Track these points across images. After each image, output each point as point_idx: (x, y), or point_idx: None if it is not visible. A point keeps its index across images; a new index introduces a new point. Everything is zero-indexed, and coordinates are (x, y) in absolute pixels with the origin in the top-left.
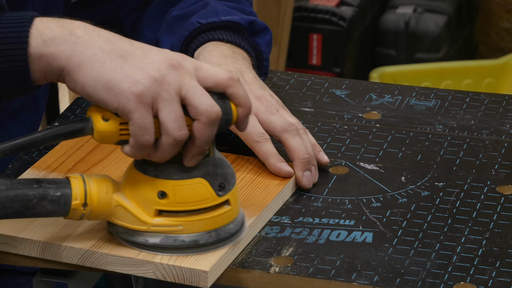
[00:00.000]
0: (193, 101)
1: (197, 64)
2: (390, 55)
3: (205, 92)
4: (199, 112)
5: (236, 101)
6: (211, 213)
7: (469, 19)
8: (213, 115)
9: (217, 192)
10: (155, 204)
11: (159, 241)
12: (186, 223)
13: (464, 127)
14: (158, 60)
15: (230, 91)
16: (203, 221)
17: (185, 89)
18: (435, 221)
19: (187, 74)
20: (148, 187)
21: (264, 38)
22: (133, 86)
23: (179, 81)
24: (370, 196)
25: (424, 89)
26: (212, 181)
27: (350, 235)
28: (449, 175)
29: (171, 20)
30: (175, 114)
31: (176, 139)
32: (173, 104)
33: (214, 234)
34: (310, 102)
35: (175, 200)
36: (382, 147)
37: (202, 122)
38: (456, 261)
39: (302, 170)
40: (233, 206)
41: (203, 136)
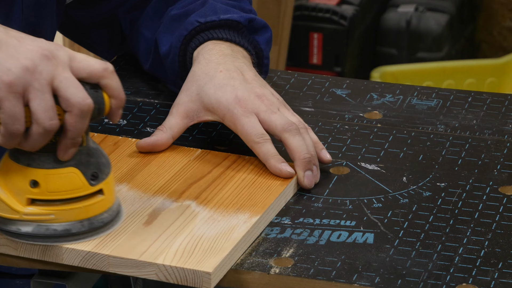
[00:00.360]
0: (65, 93)
1: (72, 54)
2: (392, 54)
3: (78, 83)
4: (71, 104)
5: (109, 92)
6: (83, 202)
7: (471, 17)
8: (85, 108)
9: (89, 181)
10: (27, 193)
11: (31, 229)
12: (58, 212)
13: (466, 127)
14: (31, 49)
15: (104, 82)
16: (75, 210)
17: (57, 80)
18: (436, 222)
19: (60, 65)
20: (21, 176)
21: (264, 36)
22: (4, 74)
23: (52, 71)
24: (371, 197)
25: (426, 88)
26: (84, 170)
27: (351, 236)
28: (451, 176)
29: (169, 19)
30: (46, 104)
31: (46, 129)
32: (44, 94)
33: (86, 223)
34: (310, 102)
35: (47, 189)
36: (383, 147)
37: (74, 114)
38: (458, 263)
39: (303, 170)
40: (107, 196)
41: (75, 128)
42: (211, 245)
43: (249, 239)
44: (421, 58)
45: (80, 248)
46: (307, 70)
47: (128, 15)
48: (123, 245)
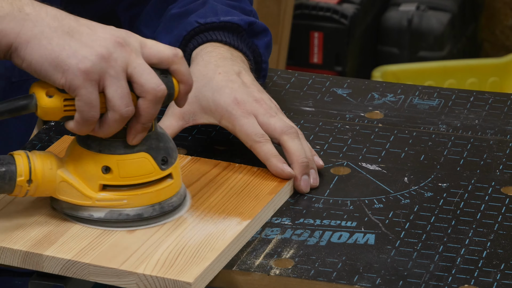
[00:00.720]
0: (140, 79)
1: (142, 40)
2: (393, 53)
3: (151, 70)
4: (145, 90)
5: (178, 78)
6: (154, 186)
7: (473, 16)
8: (159, 94)
9: (160, 166)
10: (99, 179)
11: (103, 215)
12: (130, 197)
13: (468, 127)
14: (104, 37)
15: (174, 67)
16: (147, 195)
17: (131, 66)
18: (438, 223)
19: (133, 52)
20: (92, 162)
21: (263, 40)
22: (80, 62)
23: (126, 58)
24: (372, 197)
25: (428, 88)
26: (155, 155)
27: (352, 237)
28: (453, 176)
29: (169, 18)
30: (122, 91)
31: (122, 115)
32: (120, 81)
33: (158, 207)
34: (311, 102)
35: (119, 175)
36: (385, 147)
37: (148, 100)
38: (460, 264)
39: (301, 174)
40: (175, 180)
41: (148, 113)
42: (194, 254)
43: (234, 248)
44: (422, 57)
45: (61, 256)
46: (307, 69)
47: (127, 12)
48: (104, 253)
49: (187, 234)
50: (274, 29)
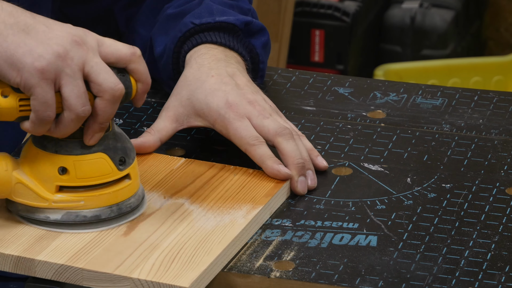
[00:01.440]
0: (97, 78)
1: (100, 39)
2: (396, 51)
3: (109, 69)
4: (102, 89)
5: (136, 76)
6: (112, 187)
7: (477, 14)
8: (117, 93)
9: (117, 166)
10: (56, 180)
11: (60, 217)
12: (87, 198)
13: (472, 127)
14: (61, 35)
15: (132, 66)
16: (104, 196)
17: (89, 65)
18: (442, 224)
19: (90, 50)
20: (48, 163)
21: (260, 40)
22: (36, 60)
23: (83, 57)
24: (374, 198)
25: (431, 87)
26: (112, 155)
27: (353, 238)
28: (456, 176)
29: (165, 18)
30: (78, 90)
31: (79, 115)
32: (76, 80)
33: (115, 208)
34: (312, 101)
35: (76, 176)
36: (387, 147)
37: (105, 99)
38: (464, 266)
39: (297, 175)
40: (133, 180)
41: (105, 113)
42: (190, 258)
43: (230, 251)
44: (425, 56)
45: (53, 261)
46: (308, 68)
47: (124, 12)
48: (98, 258)
49: (182, 237)
50: (274, 27)
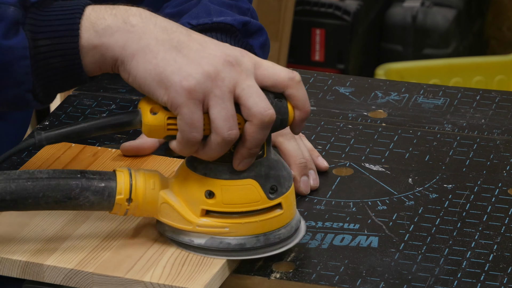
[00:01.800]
0: (247, 101)
1: (258, 61)
2: (397, 51)
3: (261, 92)
4: (252, 114)
5: (293, 103)
6: (260, 216)
7: (479, 13)
8: (266, 118)
9: (268, 195)
10: (202, 204)
11: (204, 242)
12: (233, 225)
13: (474, 127)
14: (214, 55)
15: (289, 92)
16: (251, 224)
17: (240, 87)
18: (443, 225)
19: (244, 72)
20: (196, 186)
21: (259, 40)
22: (184, 80)
23: (235, 78)
24: (375, 199)
25: (432, 86)
26: (263, 183)
27: (354, 239)
28: (458, 177)
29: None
30: (226, 113)
31: (225, 139)
32: (225, 102)
33: (262, 238)
34: (312, 100)
35: (222, 201)
36: (388, 148)
37: (254, 124)
38: (466, 267)
39: (299, 175)
40: (285, 211)
41: (254, 138)
42: (201, 260)
43: None
44: (427, 55)
45: (63, 265)
46: (309, 67)
47: None
48: (108, 261)
49: None
50: (274, 26)
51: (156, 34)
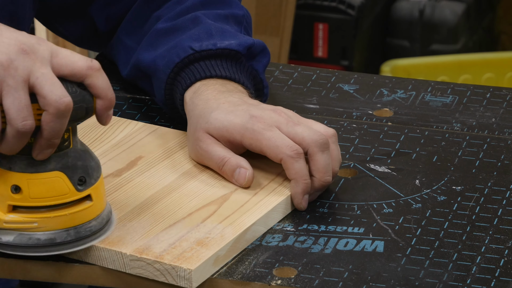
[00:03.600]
0: (42, 90)
1: (54, 49)
2: (403, 46)
3: (56, 80)
4: (47, 102)
5: (94, 92)
6: (69, 209)
7: (489, 7)
8: (61, 106)
9: (76, 186)
10: (8, 199)
11: (12, 239)
12: (41, 219)
13: (484, 126)
14: (8, 43)
15: (89, 81)
16: (60, 218)
17: (34, 76)
18: (452, 229)
19: (39, 60)
20: (1, 181)
21: (262, 62)
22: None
23: (29, 67)
24: (381, 201)
25: (441, 83)
26: (71, 174)
27: (359, 244)
28: (467, 178)
29: (155, 34)
30: (20, 103)
31: (19, 130)
32: (18, 91)
33: (73, 232)
34: (315, 98)
35: (29, 195)
36: (394, 148)
37: (50, 113)
38: (476, 273)
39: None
40: (95, 202)
41: (51, 128)
42: (190, 249)
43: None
44: (435, 51)
45: None
46: (311, 63)
47: (103, 11)
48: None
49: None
50: (275, 20)
51: None
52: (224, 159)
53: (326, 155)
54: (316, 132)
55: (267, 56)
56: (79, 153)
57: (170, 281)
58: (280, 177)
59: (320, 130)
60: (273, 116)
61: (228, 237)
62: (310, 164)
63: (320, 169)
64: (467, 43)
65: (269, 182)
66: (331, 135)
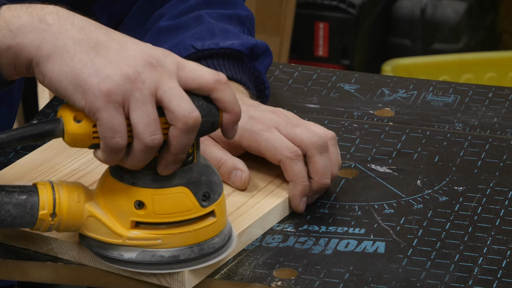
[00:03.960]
0: (170, 104)
1: (181, 62)
2: (405, 45)
3: (184, 94)
4: (175, 117)
5: (221, 106)
6: (193, 225)
7: (492, 5)
8: (190, 122)
9: (200, 202)
10: (131, 215)
11: (135, 256)
12: (165, 236)
13: (487, 126)
14: (135, 55)
15: (216, 95)
16: (184, 235)
17: (162, 90)
18: (454, 230)
19: (166, 74)
20: (124, 196)
21: (265, 63)
22: (102, 82)
23: (156, 80)
24: (382, 202)
25: (442, 83)
26: (195, 190)
27: (360, 245)
28: (469, 179)
29: (157, 31)
30: (148, 117)
31: (147, 145)
32: (146, 105)
33: (196, 249)
34: (315, 98)
35: (153, 211)
36: (396, 148)
37: (178, 128)
38: (478, 274)
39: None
40: (218, 218)
41: (179, 143)
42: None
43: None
44: (437, 50)
45: None
46: (312, 63)
47: (107, 10)
48: None
49: None
50: (275, 19)
51: (73, 34)
52: (221, 160)
53: (325, 157)
54: (315, 134)
55: (270, 57)
56: (203, 168)
57: (163, 283)
58: (278, 179)
59: (320, 132)
60: (272, 117)
61: None
62: (308, 166)
63: (319, 172)
64: (469, 42)
65: (267, 184)
66: (331, 138)
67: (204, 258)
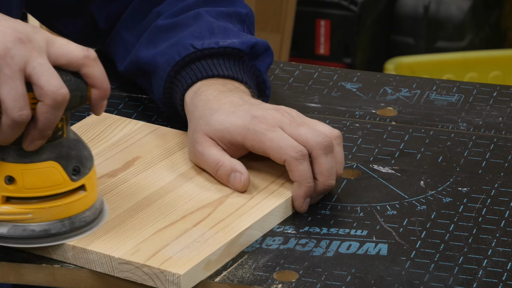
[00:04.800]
0: (39, 80)
1: (51, 38)
2: (408, 43)
3: (53, 71)
4: (44, 93)
5: (89, 81)
6: (64, 199)
7: (496, 2)
8: (59, 98)
9: (71, 176)
10: (1, 190)
11: (6, 231)
12: (36, 210)
13: (491, 125)
14: (4, 31)
15: (85, 70)
16: (55, 209)
17: (31, 66)
18: (458, 231)
19: (36, 50)
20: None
21: (265, 62)
22: None
23: (25, 56)
24: (384, 203)
25: (446, 82)
26: (65, 164)
27: (362, 247)
28: (474, 179)
29: (155, 30)
30: (16, 92)
31: (15, 120)
32: (15, 80)
33: (67, 222)
34: (317, 97)
35: (23, 186)
36: (399, 148)
37: (46, 104)
38: (482, 277)
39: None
40: (89, 192)
41: (46, 119)
42: (182, 253)
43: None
44: (440, 48)
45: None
46: (313, 61)
47: (104, 8)
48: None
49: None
50: (276, 17)
51: None
52: (219, 163)
53: (330, 158)
54: (321, 134)
55: (270, 56)
56: (72, 143)
57: (158, 286)
58: (281, 179)
59: (325, 132)
60: (275, 116)
61: (220, 241)
62: (313, 167)
63: (324, 173)
64: (473, 40)
65: (268, 184)
66: (336, 137)
67: (75, 232)
